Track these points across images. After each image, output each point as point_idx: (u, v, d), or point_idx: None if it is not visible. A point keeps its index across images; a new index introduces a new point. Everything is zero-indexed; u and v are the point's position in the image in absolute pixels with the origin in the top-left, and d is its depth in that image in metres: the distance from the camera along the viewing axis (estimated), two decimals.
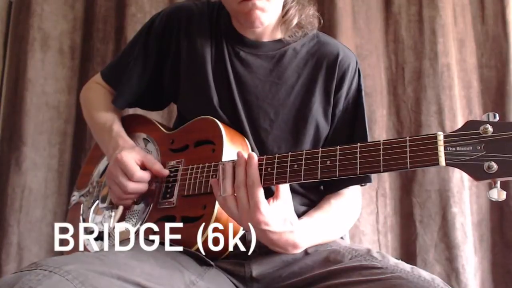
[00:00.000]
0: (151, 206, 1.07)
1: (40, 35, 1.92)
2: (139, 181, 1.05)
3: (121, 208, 1.14)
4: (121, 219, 1.13)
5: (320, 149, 0.85)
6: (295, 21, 1.13)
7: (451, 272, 1.70)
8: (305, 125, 1.11)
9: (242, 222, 0.89)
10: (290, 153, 0.89)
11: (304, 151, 0.87)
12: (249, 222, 0.87)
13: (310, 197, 1.12)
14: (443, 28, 1.83)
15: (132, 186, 1.04)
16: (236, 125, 1.10)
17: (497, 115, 0.71)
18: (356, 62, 1.18)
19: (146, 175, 1.06)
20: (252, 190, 0.86)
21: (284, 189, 0.90)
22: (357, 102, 1.16)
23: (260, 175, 0.88)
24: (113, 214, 1.15)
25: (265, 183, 0.89)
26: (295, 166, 0.87)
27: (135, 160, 1.05)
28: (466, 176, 1.75)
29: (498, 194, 0.69)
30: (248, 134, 1.09)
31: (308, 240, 0.95)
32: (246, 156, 0.89)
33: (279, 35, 1.17)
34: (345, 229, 1.15)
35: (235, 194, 0.89)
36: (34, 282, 0.67)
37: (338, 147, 0.83)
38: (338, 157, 0.83)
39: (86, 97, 1.33)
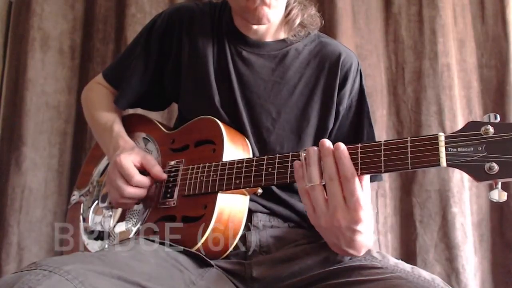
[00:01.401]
0: (152, 206, 1.07)
1: (40, 35, 1.92)
2: (138, 186, 1.04)
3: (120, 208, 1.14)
4: (121, 219, 1.13)
5: None
6: (298, 21, 1.15)
7: (451, 272, 1.70)
8: (307, 124, 1.11)
9: (333, 219, 0.79)
10: (291, 153, 0.89)
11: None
12: (344, 221, 0.78)
13: None
14: (443, 28, 1.83)
15: (129, 190, 1.03)
16: (237, 125, 1.10)
17: (498, 116, 0.71)
18: (358, 63, 1.19)
19: (145, 180, 1.05)
20: (352, 184, 0.77)
21: (367, 181, 0.82)
22: (361, 101, 1.17)
23: (261, 174, 0.88)
24: (113, 213, 1.15)
25: (266, 183, 0.89)
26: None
27: (134, 163, 1.05)
28: (466, 176, 1.75)
29: (499, 195, 0.69)
30: (248, 133, 1.10)
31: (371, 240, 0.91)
32: (331, 145, 0.81)
33: (281, 35, 1.17)
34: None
35: (325, 185, 0.79)
36: (34, 282, 0.67)
37: None
38: None
39: (87, 97, 1.33)
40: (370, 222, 0.82)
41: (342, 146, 0.79)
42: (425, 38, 1.84)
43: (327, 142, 0.81)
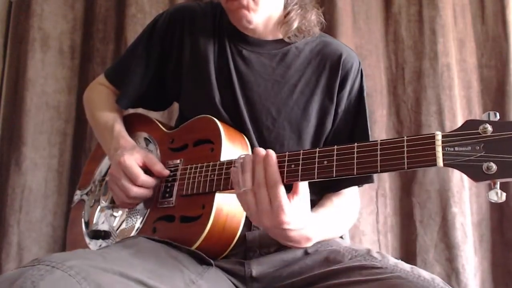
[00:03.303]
0: (151, 205, 1.07)
1: (40, 35, 1.91)
2: (143, 186, 1.04)
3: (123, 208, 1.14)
4: (123, 218, 1.13)
5: (318, 149, 0.85)
6: (295, 25, 1.13)
7: (451, 272, 1.70)
8: (307, 124, 1.11)
9: (262, 221, 0.84)
10: (287, 153, 0.88)
11: (301, 151, 0.87)
12: (270, 223, 0.83)
13: (310, 198, 1.12)
14: (443, 28, 1.83)
15: (135, 190, 1.03)
16: (238, 124, 1.10)
17: (497, 114, 0.70)
18: (359, 63, 1.18)
19: (150, 180, 1.05)
20: (275, 191, 0.82)
21: (303, 185, 0.86)
22: (359, 102, 1.16)
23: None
24: (114, 213, 1.15)
25: None
26: (292, 166, 0.86)
27: (137, 162, 1.05)
28: (466, 176, 1.75)
29: (497, 195, 0.68)
30: (250, 132, 1.10)
31: (318, 234, 0.94)
32: (264, 153, 0.85)
33: (281, 35, 1.17)
34: (346, 227, 1.16)
35: (255, 192, 0.84)
36: (36, 277, 0.67)
37: (336, 147, 0.83)
38: (335, 157, 0.82)
39: (89, 97, 1.33)
40: (300, 221, 0.86)
41: (271, 153, 0.84)
42: (425, 38, 1.85)
43: (260, 150, 0.85)
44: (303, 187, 0.86)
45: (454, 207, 1.72)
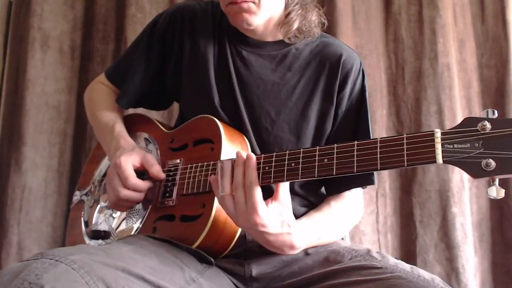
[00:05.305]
0: (152, 205, 1.07)
1: (40, 35, 1.92)
2: (134, 189, 1.03)
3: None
4: (122, 218, 1.13)
5: (318, 147, 0.85)
6: (295, 26, 1.12)
7: (451, 272, 1.70)
8: (306, 126, 1.11)
9: (239, 222, 0.89)
10: (288, 152, 0.89)
11: (302, 149, 0.87)
12: (246, 223, 0.87)
13: (310, 199, 1.12)
14: (443, 28, 1.83)
15: (125, 192, 1.03)
16: (237, 125, 1.10)
17: (496, 111, 0.70)
18: (360, 63, 1.17)
19: (141, 184, 1.04)
20: (250, 192, 0.86)
21: (283, 191, 0.89)
22: (360, 103, 1.15)
23: (258, 173, 0.88)
24: (113, 213, 1.15)
25: (263, 182, 0.89)
26: (293, 164, 0.87)
27: (134, 163, 1.05)
28: (466, 176, 1.76)
29: (496, 192, 0.69)
30: (250, 133, 1.09)
31: (305, 241, 0.95)
32: (245, 156, 0.88)
33: (281, 36, 1.16)
34: (344, 232, 1.15)
35: (233, 193, 0.88)
36: (40, 270, 0.68)
37: (336, 145, 0.84)
38: (335, 155, 0.83)
39: (90, 97, 1.33)
40: (278, 226, 0.89)
41: (251, 156, 0.88)
42: (425, 38, 1.85)
43: (241, 153, 0.89)
44: (283, 193, 0.89)
45: (454, 207, 1.72)
